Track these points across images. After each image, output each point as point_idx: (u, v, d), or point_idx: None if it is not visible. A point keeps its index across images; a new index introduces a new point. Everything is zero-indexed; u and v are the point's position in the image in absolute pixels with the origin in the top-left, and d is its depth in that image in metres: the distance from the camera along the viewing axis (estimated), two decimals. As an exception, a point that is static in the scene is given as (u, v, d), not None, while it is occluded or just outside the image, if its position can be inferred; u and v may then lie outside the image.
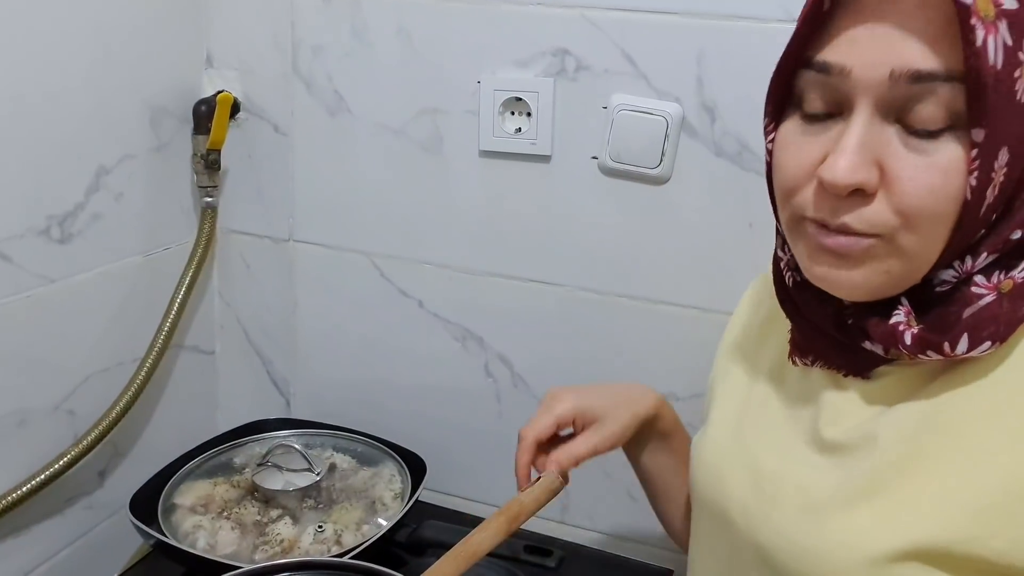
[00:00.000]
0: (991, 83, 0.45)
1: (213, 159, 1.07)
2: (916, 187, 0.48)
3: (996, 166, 0.47)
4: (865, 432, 0.55)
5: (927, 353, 0.51)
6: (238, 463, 1.08)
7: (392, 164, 1.05)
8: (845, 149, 0.49)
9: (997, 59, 0.45)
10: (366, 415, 1.14)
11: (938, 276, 0.52)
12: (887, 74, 0.48)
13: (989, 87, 0.45)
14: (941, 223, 0.49)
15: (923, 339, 0.51)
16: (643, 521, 0.83)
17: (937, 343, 0.50)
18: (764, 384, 0.66)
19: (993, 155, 0.47)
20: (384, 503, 1.01)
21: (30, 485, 0.90)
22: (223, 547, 0.94)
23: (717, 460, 0.65)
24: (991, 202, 0.48)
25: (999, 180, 0.48)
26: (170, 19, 1.03)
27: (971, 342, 0.50)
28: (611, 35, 0.92)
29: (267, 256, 1.15)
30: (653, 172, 0.94)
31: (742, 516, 0.60)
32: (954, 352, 0.50)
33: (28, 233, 0.88)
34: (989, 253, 0.51)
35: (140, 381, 1.00)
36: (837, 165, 0.49)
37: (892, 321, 0.52)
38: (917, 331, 0.51)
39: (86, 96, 0.92)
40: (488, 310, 1.06)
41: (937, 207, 0.48)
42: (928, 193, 0.48)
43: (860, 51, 0.49)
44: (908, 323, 0.52)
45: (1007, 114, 0.46)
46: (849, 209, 0.50)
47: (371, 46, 1.02)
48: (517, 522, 0.71)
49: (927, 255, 0.51)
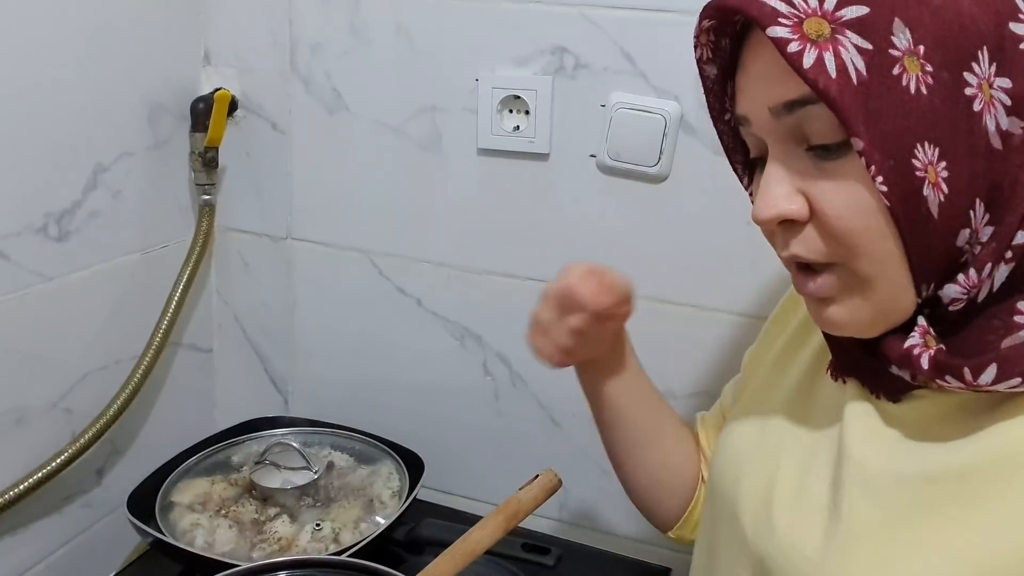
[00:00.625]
0: (847, 91, 0.45)
1: (211, 157, 1.07)
2: (835, 208, 0.49)
3: (919, 163, 0.45)
4: (887, 461, 0.52)
5: (946, 379, 0.48)
6: (236, 461, 1.08)
7: (390, 162, 1.05)
8: (762, 187, 0.52)
9: (849, 67, 0.45)
10: (364, 413, 1.14)
11: (944, 295, 0.49)
12: (768, 112, 0.50)
13: (844, 95, 0.45)
14: (878, 237, 0.48)
15: (941, 363, 0.48)
16: (641, 519, 0.82)
17: (957, 368, 0.47)
18: (796, 388, 0.64)
19: (896, 154, 0.45)
20: (382, 501, 1.01)
21: (28, 483, 0.90)
22: (221, 545, 0.94)
23: (738, 458, 0.64)
24: (943, 200, 0.46)
25: (937, 177, 0.46)
26: (168, 16, 1.02)
27: (1000, 374, 0.45)
28: (610, 33, 0.92)
29: (265, 254, 1.15)
30: (651, 170, 0.94)
31: (751, 523, 0.59)
32: (976, 381, 0.46)
33: (25, 231, 0.88)
34: (996, 262, 0.47)
35: (138, 379, 1.00)
36: (757, 203, 0.52)
37: (907, 344, 0.50)
38: (934, 353, 0.49)
39: (84, 93, 0.92)
40: (487, 308, 1.06)
41: (859, 222, 0.48)
42: (845, 209, 0.48)
43: (746, 98, 0.53)
44: (924, 344, 0.50)
45: (895, 112, 0.45)
46: (791, 241, 0.52)
47: (369, 44, 1.02)
48: (515, 520, 0.72)
49: (892, 275, 0.49)
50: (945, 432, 0.50)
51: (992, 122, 0.46)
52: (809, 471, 0.57)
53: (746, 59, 0.53)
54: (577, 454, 1.05)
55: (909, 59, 0.45)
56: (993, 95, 0.46)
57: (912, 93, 0.45)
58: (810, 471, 0.57)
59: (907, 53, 0.45)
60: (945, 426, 0.50)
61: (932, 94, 0.45)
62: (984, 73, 0.46)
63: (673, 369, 0.98)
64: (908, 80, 0.45)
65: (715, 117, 0.59)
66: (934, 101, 0.45)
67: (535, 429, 1.08)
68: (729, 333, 0.96)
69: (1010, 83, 0.46)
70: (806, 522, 0.55)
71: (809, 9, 0.46)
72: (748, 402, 0.69)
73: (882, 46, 0.45)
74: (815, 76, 0.45)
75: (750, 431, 0.65)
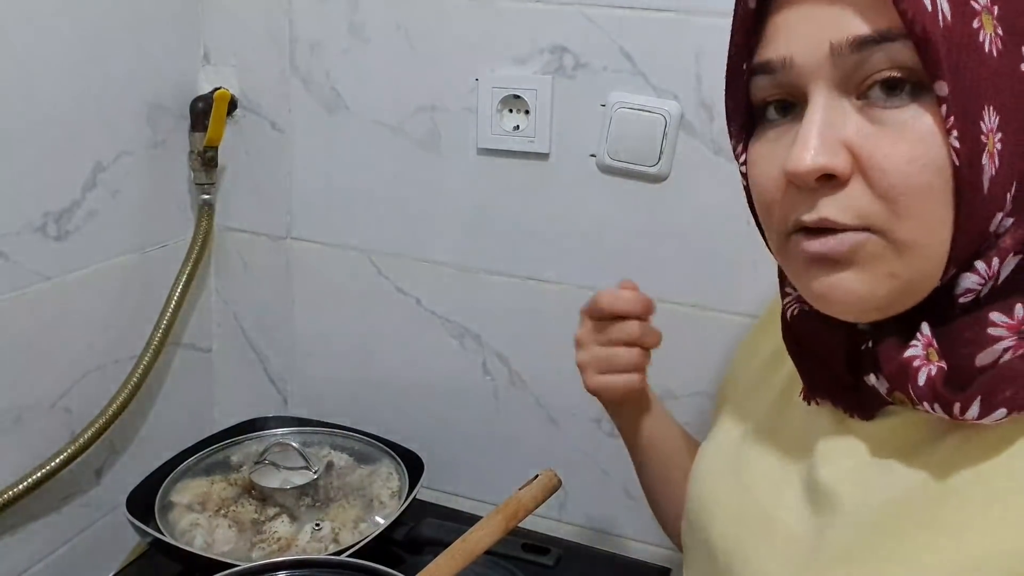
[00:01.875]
0: (936, 30, 0.41)
1: (210, 156, 1.07)
2: (893, 162, 0.43)
3: (984, 128, 0.42)
4: (858, 486, 0.49)
5: (934, 407, 0.44)
6: (235, 461, 1.08)
7: (390, 161, 1.05)
8: (804, 136, 0.45)
9: (939, 7, 0.41)
10: (363, 413, 1.14)
11: (959, 284, 0.45)
12: (828, 49, 0.44)
13: (934, 34, 0.41)
14: (935, 201, 0.43)
15: (936, 391, 0.44)
16: (641, 519, 0.83)
17: (948, 402, 0.43)
18: (771, 409, 0.62)
19: (969, 112, 0.42)
20: (382, 501, 1.01)
21: (27, 483, 0.90)
22: (220, 545, 0.94)
23: (710, 487, 0.63)
24: (994, 174, 0.42)
25: (994, 147, 0.42)
26: (167, 16, 1.02)
27: (983, 407, 0.42)
28: (609, 32, 0.92)
29: (264, 253, 1.14)
30: (651, 170, 0.94)
31: (723, 550, 0.57)
32: (963, 416, 0.43)
33: (24, 230, 0.88)
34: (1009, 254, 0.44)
35: (137, 379, 1.00)
36: (798, 154, 0.45)
37: (907, 354, 0.45)
38: (935, 372, 0.44)
39: (83, 93, 0.92)
40: (486, 308, 1.06)
41: (922, 179, 0.43)
42: (907, 164, 0.43)
43: (795, 36, 0.46)
44: (927, 358, 0.45)
45: (973, 66, 0.42)
46: (825, 201, 0.45)
47: (369, 43, 1.02)
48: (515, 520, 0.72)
49: (933, 246, 0.44)
50: (916, 452, 0.47)
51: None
52: (780, 501, 0.55)
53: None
54: (577, 454, 1.05)
55: (986, 16, 0.42)
56: None
57: (986, 51, 0.42)
58: (781, 501, 0.54)
59: (984, 9, 0.42)
60: (917, 445, 0.48)
61: (1000, 58, 0.42)
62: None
63: (673, 369, 0.97)
64: (984, 37, 0.42)
65: (734, 66, 0.51)
66: (1003, 65, 0.42)
67: (535, 429, 1.07)
68: (729, 333, 0.96)
69: None
70: (779, 552, 0.53)
71: None
72: (721, 429, 0.67)
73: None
74: (911, 8, 0.41)
75: (722, 460, 0.63)
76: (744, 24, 0.50)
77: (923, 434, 0.48)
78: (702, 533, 0.61)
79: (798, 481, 0.54)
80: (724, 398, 0.72)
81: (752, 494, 0.57)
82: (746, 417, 0.64)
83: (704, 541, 0.60)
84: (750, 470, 0.59)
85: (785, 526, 0.53)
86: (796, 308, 0.55)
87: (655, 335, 0.72)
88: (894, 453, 0.49)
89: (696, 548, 0.63)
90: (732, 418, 0.66)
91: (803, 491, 0.53)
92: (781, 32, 0.47)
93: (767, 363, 0.66)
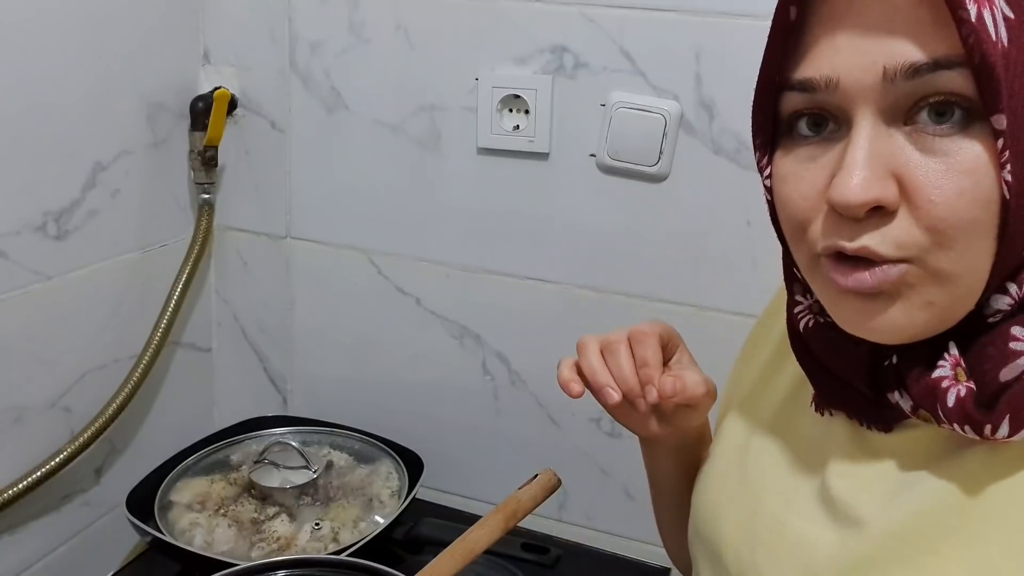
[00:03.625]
0: (998, 60, 0.39)
1: (210, 156, 1.07)
2: (943, 194, 0.41)
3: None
4: (879, 496, 0.48)
5: (964, 429, 0.43)
6: (235, 460, 1.08)
7: (389, 161, 1.05)
8: (852, 164, 0.43)
9: (999, 34, 0.39)
10: (363, 412, 1.14)
11: (990, 305, 0.44)
12: (880, 74, 0.42)
13: (997, 65, 0.39)
14: (980, 234, 0.42)
15: (966, 412, 0.43)
16: (640, 519, 0.82)
17: (979, 422, 0.43)
18: (777, 413, 0.60)
19: (1020, 143, 0.40)
20: (381, 500, 1.01)
21: (26, 482, 0.90)
22: (220, 544, 0.94)
23: (716, 493, 0.61)
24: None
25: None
26: (167, 15, 1.02)
27: (1012, 425, 0.41)
28: (609, 32, 0.92)
29: (264, 253, 1.14)
30: (651, 170, 0.94)
31: (734, 560, 0.56)
32: (994, 436, 0.42)
33: (24, 229, 0.88)
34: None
35: (137, 378, 1.00)
36: (847, 183, 0.42)
37: (935, 375, 0.44)
38: (964, 393, 0.43)
39: (83, 92, 0.92)
40: (486, 308, 1.06)
41: (971, 214, 0.41)
42: (957, 198, 0.41)
43: (843, 57, 0.43)
44: (955, 378, 0.44)
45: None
46: (871, 232, 0.43)
47: (369, 42, 1.02)
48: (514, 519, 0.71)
49: (973, 276, 0.43)
50: (939, 464, 0.46)
51: None
52: (791, 507, 0.53)
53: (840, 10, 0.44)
54: (576, 454, 1.05)
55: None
56: None
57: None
58: (792, 507, 0.53)
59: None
60: (940, 458, 0.47)
61: None
62: None
63: (672, 369, 0.98)
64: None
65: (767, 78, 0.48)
66: None
67: (534, 428, 1.07)
68: (729, 333, 0.95)
69: None
70: (788, 561, 0.52)
71: None
72: (726, 433, 0.65)
73: (1020, 19, 0.40)
74: (975, 35, 0.39)
75: (730, 466, 0.61)
76: (784, 37, 0.46)
77: (945, 447, 0.47)
78: (710, 542, 0.60)
79: (810, 490, 0.53)
80: (727, 402, 0.70)
81: (761, 501, 0.56)
82: (751, 421, 0.63)
83: (712, 549, 0.60)
84: (758, 476, 0.58)
85: (796, 533, 0.52)
86: (811, 319, 0.53)
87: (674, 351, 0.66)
88: (916, 466, 0.47)
89: (704, 556, 0.62)
90: (736, 422, 0.65)
91: (817, 500, 0.52)
92: (826, 51, 0.44)
93: (769, 364, 0.65)
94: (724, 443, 0.65)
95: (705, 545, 0.61)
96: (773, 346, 0.65)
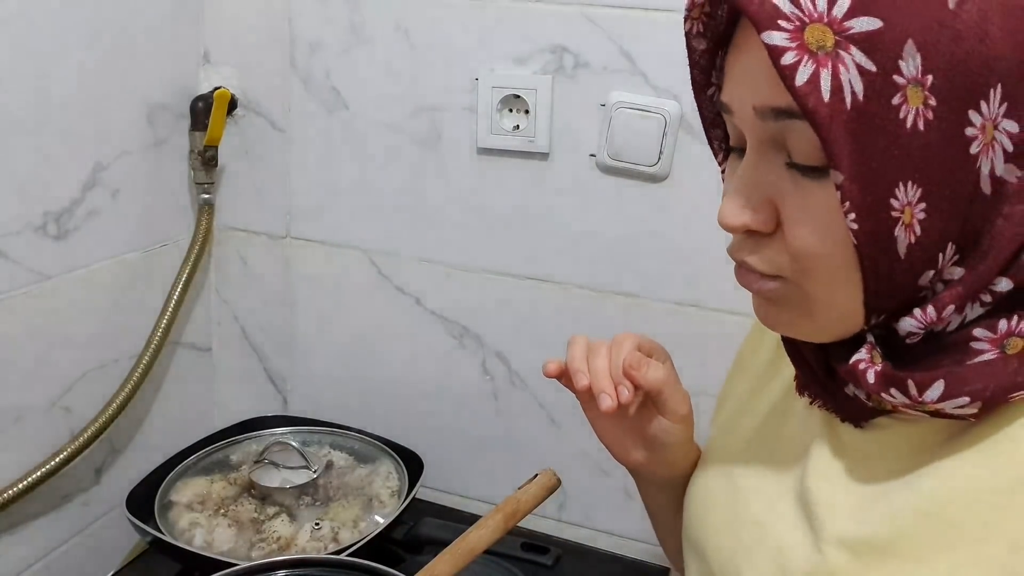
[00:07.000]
0: (828, 120, 0.40)
1: (210, 156, 1.07)
2: (801, 231, 0.45)
3: (897, 204, 0.42)
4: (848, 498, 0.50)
5: (891, 393, 0.45)
6: (235, 460, 1.08)
7: (389, 161, 1.05)
8: (729, 191, 0.49)
9: (844, 93, 0.40)
10: (363, 412, 1.14)
11: (900, 326, 0.46)
12: (752, 110, 0.46)
13: (826, 125, 0.40)
14: (837, 266, 0.45)
15: (888, 376, 0.45)
16: (639, 519, 0.82)
17: (902, 382, 0.44)
18: (769, 415, 0.62)
19: (877, 190, 0.41)
20: (381, 500, 1.01)
21: (26, 482, 0.90)
22: (220, 544, 0.94)
23: (706, 498, 0.62)
24: (913, 242, 0.43)
25: (913, 219, 0.42)
26: (167, 15, 1.02)
27: (947, 391, 0.43)
28: (609, 32, 0.92)
29: (264, 253, 1.15)
30: (651, 170, 0.94)
31: (719, 566, 0.57)
32: (922, 397, 0.44)
33: (25, 229, 0.88)
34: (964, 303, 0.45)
35: (137, 378, 1.00)
36: (723, 208, 0.49)
37: (853, 359, 0.47)
38: (881, 367, 0.46)
39: (83, 92, 0.92)
40: (486, 308, 1.06)
41: (826, 250, 0.45)
42: (811, 235, 0.45)
43: (734, 88, 0.48)
44: (871, 360, 0.47)
45: (884, 146, 0.41)
46: (749, 249, 0.49)
47: (369, 42, 1.02)
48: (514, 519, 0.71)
49: (842, 303, 0.46)
50: (905, 465, 0.48)
51: (987, 166, 0.43)
52: (774, 511, 0.54)
53: (739, 41, 0.48)
54: (576, 454, 1.05)
55: (913, 89, 0.41)
56: (996, 138, 0.42)
57: (907, 128, 0.41)
58: (775, 511, 0.54)
59: (912, 82, 0.41)
60: (906, 458, 0.48)
61: (929, 131, 0.41)
62: (991, 113, 0.42)
63: (672, 369, 0.98)
64: (907, 113, 0.41)
65: (698, 91, 0.54)
66: (929, 139, 0.41)
67: (534, 428, 1.08)
68: (729, 333, 0.95)
69: (1017, 127, 0.42)
70: (770, 563, 0.52)
71: (815, 13, 0.41)
72: (718, 437, 0.67)
73: (887, 69, 0.40)
74: (806, 95, 0.40)
75: (718, 470, 0.63)
76: (699, 62, 0.52)
77: (918, 445, 0.48)
78: (697, 542, 0.61)
79: (792, 494, 0.54)
80: (722, 403, 0.71)
81: (745, 502, 0.57)
82: (744, 422, 0.64)
83: (700, 551, 0.60)
84: (745, 477, 0.59)
85: (776, 536, 0.53)
86: None
87: None
88: (884, 465, 0.49)
89: (692, 557, 0.63)
90: (730, 423, 0.66)
91: (797, 505, 0.53)
92: (728, 77, 0.49)
93: (767, 365, 0.66)
94: (717, 443, 0.66)
95: (693, 546, 0.62)
96: (772, 346, 0.66)
